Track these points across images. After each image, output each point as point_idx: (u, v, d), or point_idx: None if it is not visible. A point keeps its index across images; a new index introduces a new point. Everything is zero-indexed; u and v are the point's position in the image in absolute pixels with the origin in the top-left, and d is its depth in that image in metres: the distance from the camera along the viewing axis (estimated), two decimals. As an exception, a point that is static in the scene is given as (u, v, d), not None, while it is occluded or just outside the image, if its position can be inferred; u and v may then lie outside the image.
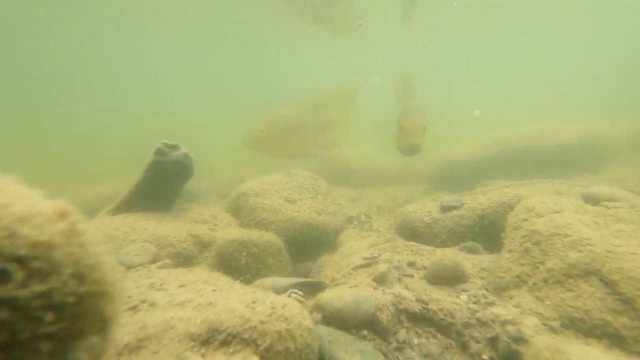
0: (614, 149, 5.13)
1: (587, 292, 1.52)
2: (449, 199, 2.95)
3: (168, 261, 2.12)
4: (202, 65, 27.06)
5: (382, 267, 2.23)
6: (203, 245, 2.61)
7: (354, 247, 2.94)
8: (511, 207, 2.62)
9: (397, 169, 6.72)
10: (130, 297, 1.61)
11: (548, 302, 1.58)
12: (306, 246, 3.21)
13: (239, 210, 3.37)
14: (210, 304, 1.52)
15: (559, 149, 4.89)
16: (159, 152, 2.67)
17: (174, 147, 2.74)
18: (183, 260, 2.36)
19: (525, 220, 2.10)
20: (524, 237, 2.00)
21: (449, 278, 2.13)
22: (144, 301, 1.56)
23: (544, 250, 1.81)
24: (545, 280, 1.67)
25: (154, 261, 2.12)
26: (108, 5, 12.93)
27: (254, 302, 1.52)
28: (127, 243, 2.16)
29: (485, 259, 2.29)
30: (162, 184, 2.74)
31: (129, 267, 1.95)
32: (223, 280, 1.99)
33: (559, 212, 2.03)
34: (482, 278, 2.12)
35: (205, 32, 16.48)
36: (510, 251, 2.01)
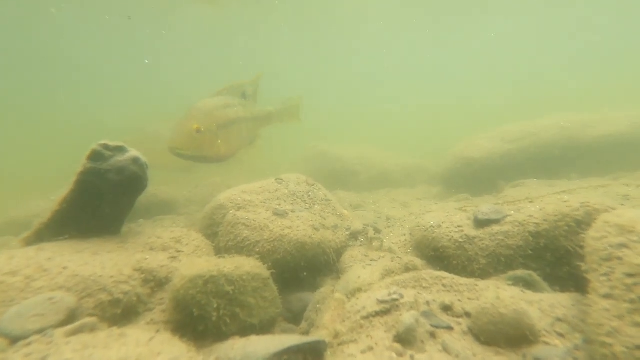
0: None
1: None
2: (485, 209, 2.24)
3: (90, 320, 1.41)
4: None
5: (407, 317, 1.52)
6: (157, 284, 1.90)
7: (363, 275, 2.24)
8: (578, 222, 1.92)
9: (404, 168, 6.01)
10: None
11: None
12: (301, 272, 2.52)
13: (214, 229, 2.66)
14: None
15: (602, 142, 4.17)
16: (95, 156, 1.95)
17: (119, 149, 2.02)
18: (122, 311, 1.65)
19: (623, 246, 1.40)
20: (629, 275, 1.29)
21: (510, 336, 1.42)
22: None
23: (679, 303, 1.11)
24: (703, 365, 0.97)
25: (67, 321, 1.41)
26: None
27: None
28: (27, 294, 1.45)
29: (557, 301, 1.59)
30: (102, 200, 2.02)
31: (15, 339, 1.25)
32: (167, 354, 1.29)
33: (683, 236, 1.33)
34: (562, 336, 1.41)
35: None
36: (607, 297, 1.31)
